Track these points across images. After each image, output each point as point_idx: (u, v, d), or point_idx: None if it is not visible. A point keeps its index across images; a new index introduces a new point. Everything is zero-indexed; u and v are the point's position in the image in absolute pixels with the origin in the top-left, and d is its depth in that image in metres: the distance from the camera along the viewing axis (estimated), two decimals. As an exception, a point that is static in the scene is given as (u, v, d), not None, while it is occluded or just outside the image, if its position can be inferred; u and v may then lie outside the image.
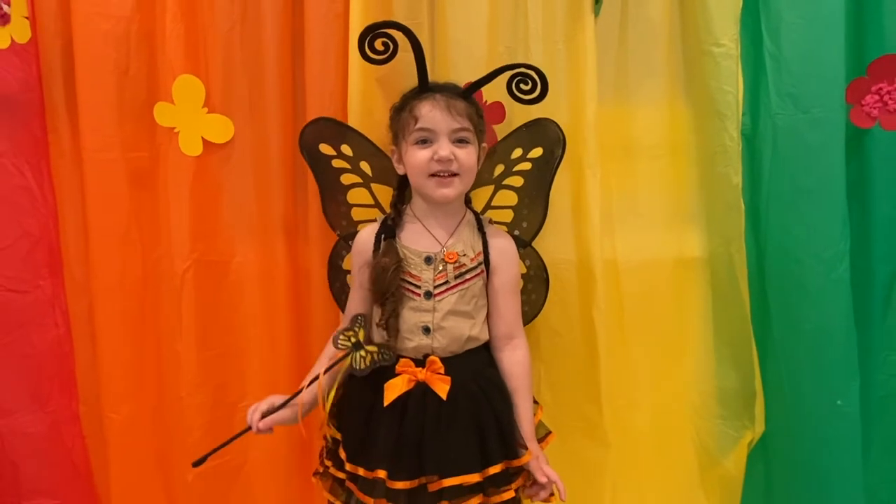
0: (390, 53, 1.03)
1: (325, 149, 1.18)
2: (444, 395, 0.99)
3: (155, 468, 1.35)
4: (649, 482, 1.35)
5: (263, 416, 1.04)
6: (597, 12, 1.21)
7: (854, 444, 1.22)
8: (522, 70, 1.05)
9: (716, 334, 1.30)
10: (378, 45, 1.02)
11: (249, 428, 1.04)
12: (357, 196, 1.21)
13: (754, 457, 1.29)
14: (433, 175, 1.01)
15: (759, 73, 1.20)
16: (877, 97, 1.20)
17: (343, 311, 1.20)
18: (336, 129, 1.18)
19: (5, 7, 1.20)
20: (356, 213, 1.21)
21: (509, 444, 1.01)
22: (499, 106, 1.22)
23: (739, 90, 1.20)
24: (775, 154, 1.19)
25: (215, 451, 1.06)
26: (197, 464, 1.06)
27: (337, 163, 1.19)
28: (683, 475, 1.35)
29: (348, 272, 1.22)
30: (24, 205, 1.28)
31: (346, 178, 1.20)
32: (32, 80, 1.26)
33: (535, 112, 1.17)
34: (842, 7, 1.15)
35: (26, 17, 1.23)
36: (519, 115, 1.20)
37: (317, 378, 1.03)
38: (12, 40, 1.22)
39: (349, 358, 1.03)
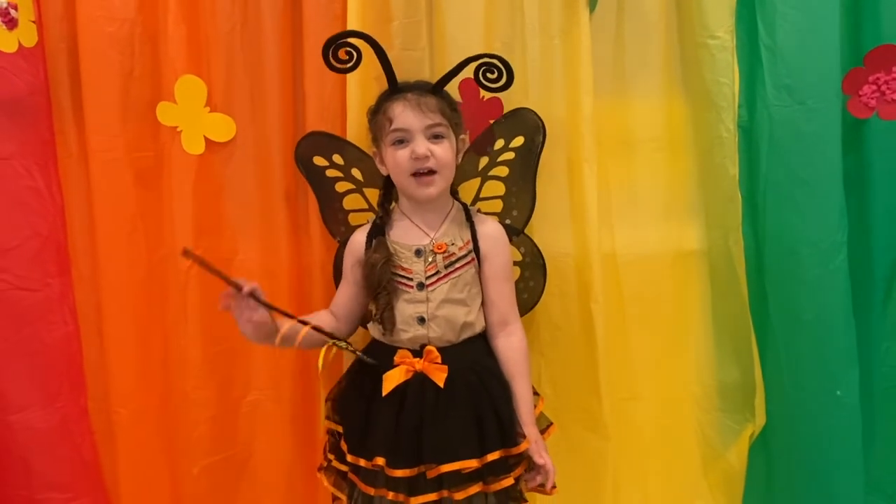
0: (354, 62, 1.06)
1: (319, 160, 1.22)
2: (441, 384, 1.01)
3: (162, 462, 1.36)
4: (651, 475, 1.35)
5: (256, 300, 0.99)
6: (592, 7, 1.22)
7: (854, 435, 1.22)
8: (486, 60, 1.07)
9: (715, 326, 1.31)
10: (342, 54, 1.05)
11: (241, 288, 0.97)
12: (352, 202, 1.24)
13: (755, 448, 1.29)
14: (414, 174, 1.03)
15: (754, 64, 1.20)
16: (874, 87, 1.20)
17: None
18: (326, 141, 1.22)
19: (13, 12, 1.22)
20: (353, 219, 1.24)
21: (507, 432, 1.02)
22: (496, 101, 1.23)
23: (735, 82, 1.21)
24: (772, 145, 1.19)
25: (206, 264, 0.96)
26: (186, 253, 0.96)
27: (330, 172, 1.22)
28: (686, 468, 1.36)
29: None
30: (32, 205, 1.31)
31: (341, 186, 1.23)
32: (39, 82, 1.28)
33: (533, 105, 1.20)
34: (836, -1, 1.16)
35: (33, 21, 1.25)
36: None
37: (307, 325, 1.04)
38: (20, 44, 1.24)
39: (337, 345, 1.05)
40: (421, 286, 1.04)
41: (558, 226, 1.26)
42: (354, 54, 1.05)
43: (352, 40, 1.04)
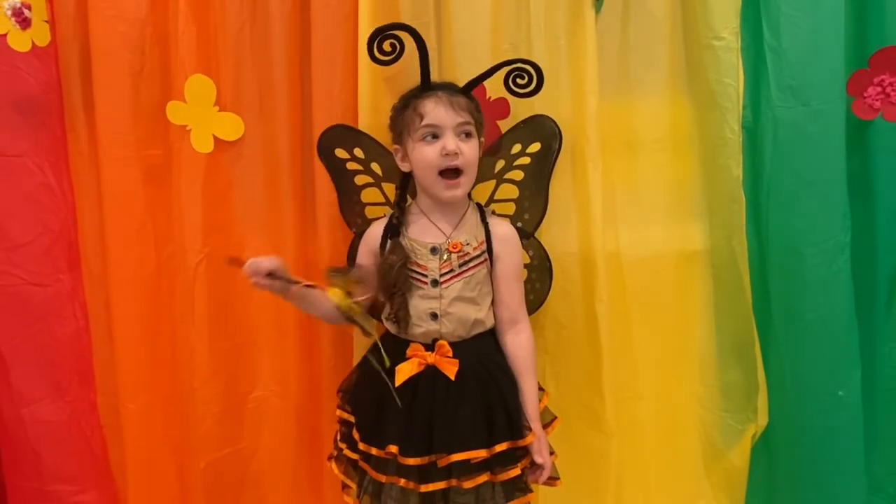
0: (397, 54, 1.08)
1: (340, 153, 1.23)
2: (452, 376, 1.04)
3: (169, 456, 1.38)
4: (654, 473, 1.36)
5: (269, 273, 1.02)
6: (598, 9, 1.23)
7: (856, 435, 1.23)
8: (519, 65, 1.09)
9: (718, 326, 1.31)
10: (386, 46, 1.07)
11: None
12: (370, 195, 1.25)
13: (757, 448, 1.30)
14: (442, 174, 1.05)
15: (759, 66, 1.21)
16: (879, 89, 1.20)
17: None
18: (349, 134, 1.23)
19: (27, 12, 1.25)
20: (369, 212, 1.25)
21: (515, 424, 1.05)
22: (503, 102, 1.25)
23: (740, 83, 1.21)
24: (776, 146, 1.20)
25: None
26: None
27: (351, 165, 1.24)
28: (688, 467, 1.37)
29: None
30: (44, 202, 1.33)
31: (360, 179, 1.25)
32: (52, 81, 1.30)
33: (538, 106, 1.20)
34: (841, 1, 1.16)
35: (46, 21, 1.27)
36: (523, 110, 1.23)
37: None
38: (33, 43, 1.26)
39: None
40: (435, 283, 1.07)
41: (563, 225, 1.27)
42: (398, 47, 1.07)
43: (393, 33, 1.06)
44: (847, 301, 1.20)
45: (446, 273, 1.07)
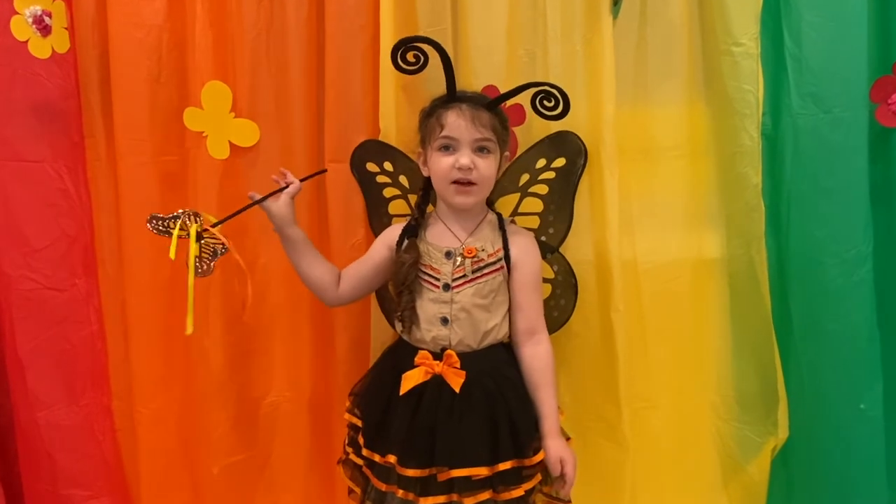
0: (421, 64, 1.09)
1: (371, 167, 1.25)
2: (457, 389, 1.02)
3: (183, 461, 1.39)
4: (670, 485, 1.34)
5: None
6: (615, 14, 1.22)
7: (877, 448, 1.20)
8: (546, 88, 1.09)
9: (736, 336, 1.29)
10: (410, 56, 1.08)
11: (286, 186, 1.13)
12: (397, 207, 1.26)
13: (776, 460, 1.28)
14: (454, 182, 1.05)
15: (779, 72, 1.19)
16: (903, 96, 1.18)
17: (383, 311, 1.27)
18: (380, 148, 1.25)
19: (47, 19, 1.26)
20: (396, 223, 1.25)
21: (522, 443, 1.03)
22: (519, 108, 1.24)
23: (759, 90, 1.19)
24: (796, 154, 1.18)
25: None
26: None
27: (380, 178, 1.25)
28: (706, 479, 1.34)
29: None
30: (62, 207, 1.34)
31: (388, 192, 1.26)
32: (71, 87, 1.31)
33: (553, 115, 1.20)
34: (864, 6, 1.14)
35: (66, 28, 1.28)
36: (539, 119, 1.22)
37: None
38: (53, 51, 1.27)
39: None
40: (447, 287, 1.06)
41: (579, 233, 1.25)
42: (422, 57, 1.08)
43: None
44: (869, 312, 1.18)
45: (459, 278, 1.06)
